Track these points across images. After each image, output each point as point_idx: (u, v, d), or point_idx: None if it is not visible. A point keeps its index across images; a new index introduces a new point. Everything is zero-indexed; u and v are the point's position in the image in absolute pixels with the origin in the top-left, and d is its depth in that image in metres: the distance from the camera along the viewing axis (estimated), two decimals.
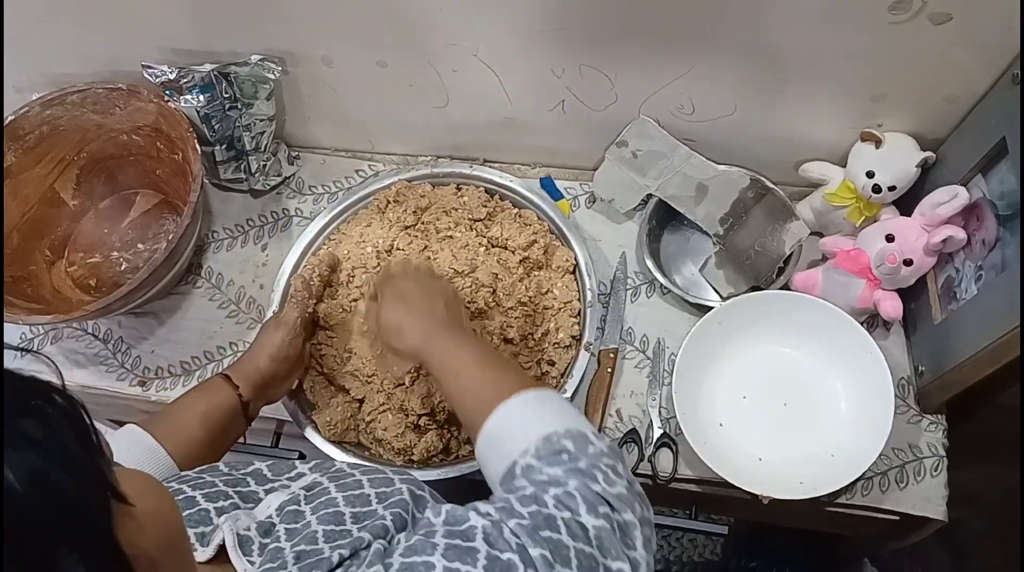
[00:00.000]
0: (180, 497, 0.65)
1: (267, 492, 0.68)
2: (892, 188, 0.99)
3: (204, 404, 0.88)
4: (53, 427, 0.39)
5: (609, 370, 1.07)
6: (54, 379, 0.42)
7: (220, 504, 0.64)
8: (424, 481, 0.95)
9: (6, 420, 0.38)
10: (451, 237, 1.09)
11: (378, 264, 1.08)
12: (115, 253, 1.20)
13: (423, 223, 1.11)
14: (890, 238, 0.98)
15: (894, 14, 0.84)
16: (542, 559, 0.55)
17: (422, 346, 0.84)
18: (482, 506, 0.60)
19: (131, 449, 0.81)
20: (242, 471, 0.71)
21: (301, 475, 0.71)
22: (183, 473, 0.71)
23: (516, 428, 0.70)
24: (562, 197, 1.20)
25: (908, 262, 0.97)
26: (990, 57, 0.88)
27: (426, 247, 1.09)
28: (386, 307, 0.90)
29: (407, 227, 1.11)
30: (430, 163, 1.21)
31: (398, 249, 1.09)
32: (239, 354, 1.13)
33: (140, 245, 1.21)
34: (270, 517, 0.63)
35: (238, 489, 0.68)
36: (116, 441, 0.80)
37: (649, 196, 1.13)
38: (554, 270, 1.09)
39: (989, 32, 0.85)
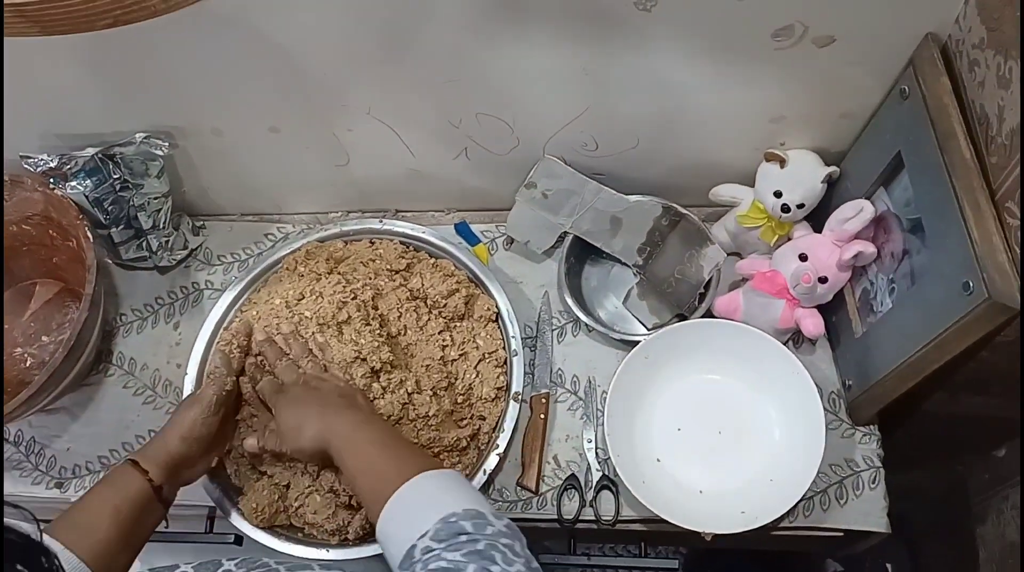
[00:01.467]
0: None
1: None
2: (801, 206, 0.99)
3: (114, 497, 0.83)
4: None
5: (542, 416, 1.05)
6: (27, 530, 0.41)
7: None
8: (363, 557, 0.94)
9: None
10: (368, 289, 1.05)
11: (290, 316, 1.03)
12: (18, 349, 1.15)
13: (339, 274, 1.08)
14: (803, 257, 0.98)
15: (778, 41, 0.84)
16: None
17: (322, 431, 0.85)
18: None
19: None
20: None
21: None
22: None
23: (415, 510, 0.71)
24: (479, 241, 1.18)
25: (823, 280, 0.97)
26: (878, 73, 0.88)
27: (346, 286, 1.04)
28: (281, 414, 0.90)
29: (319, 277, 1.08)
30: (340, 220, 1.18)
31: (313, 293, 1.04)
32: None
33: (44, 337, 1.16)
34: None
35: None
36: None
37: (565, 234, 1.11)
38: (476, 320, 1.07)
39: (873, 50, 0.85)
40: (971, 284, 0.72)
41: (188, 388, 1.05)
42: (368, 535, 0.96)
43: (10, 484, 1.08)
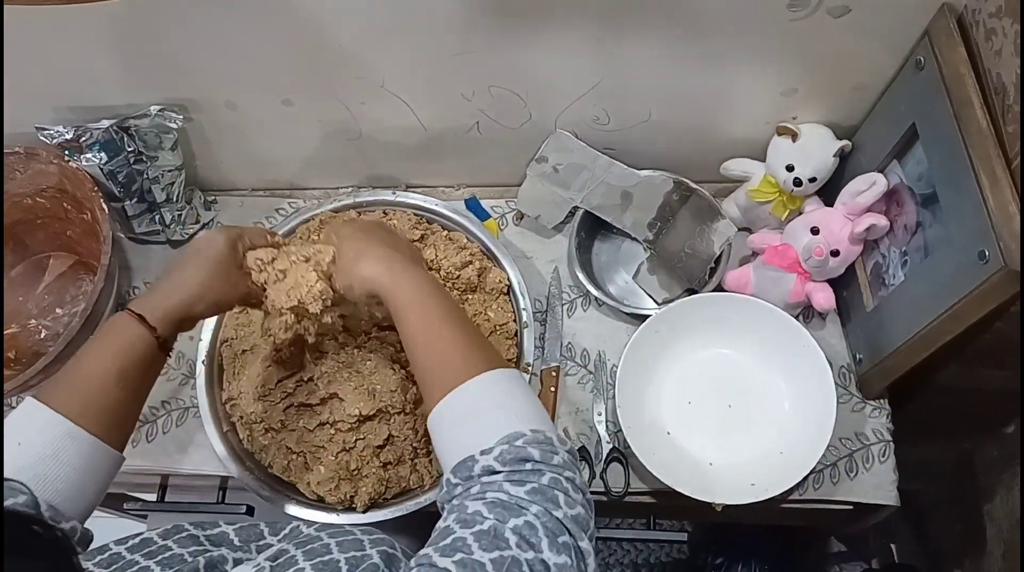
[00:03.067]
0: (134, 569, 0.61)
1: (235, 562, 0.65)
2: (813, 179, 0.99)
3: (118, 360, 0.74)
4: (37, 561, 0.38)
5: (552, 389, 1.05)
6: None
7: None
8: (372, 524, 0.95)
9: None
10: None
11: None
12: (32, 321, 1.15)
13: None
14: (815, 230, 0.98)
15: (793, 11, 0.84)
16: None
17: (382, 274, 0.77)
18: (440, 560, 0.57)
19: (45, 436, 0.70)
20: (208, 532, 0.68)
21: (268, 545, 0.68)
22: (148, 543, 0.65)
23: (479, 414, 0.67)
24: (489, 217, 1.18)
25: (835, 253, 0.97)
26: (893, 44, 0.88)
27: None
28: (346, 240, 0.83)
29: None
30: (352, 193, 1.18)
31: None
32: (172, 412, 1.10)
33: (59, 310, 1.16)
34: None
35: (209, 556, 0.64)
36: (25, 427, 0.71)
37: (575, 208, 1.11)
38: (488, 292, 1.08)
39: (889, 20, 0.85)
40: (987, 253, 0.72)
41: (201, 357, 1.05)
42: (375, 506, 0.97)
43: None
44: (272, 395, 1.00)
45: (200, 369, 1.05)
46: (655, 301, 1.10)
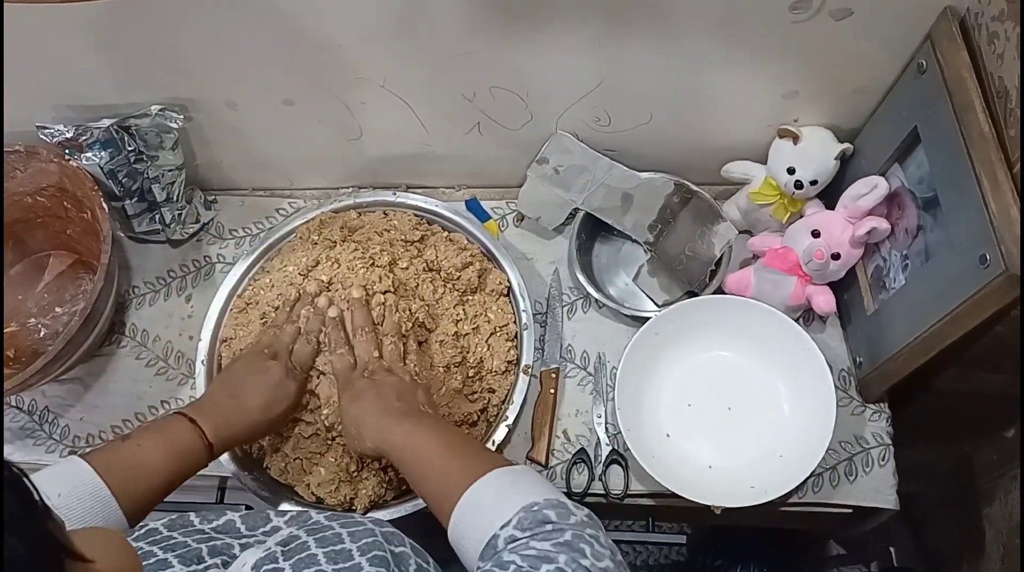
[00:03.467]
0: (151, 560, 0.61)
1: (242, 548, 0.65)
2: (814, 182, 0.99)
3: (173, 461, 0.82)
4: None
5: (552, 391, 1.05)
6: None
7: (193, 568, 0.61)
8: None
9: None
10: (385, 254, 1.06)
11: (300, 288, 1.04)
12: (32, 320, 1.15)
13: (353, 242, 1.08)
14: (816, 233, 0.98)
15: (795, 13, 0.84)
16: None
17: (380, 444, 0.84)
18: None
19: (82, 499, 0.75)
20: (214, 524, 0.68)
21: (277, 529, 0.68)
22: (153, 532, 0.66)
23: (492, 502, 0.69)
24: (489, 218, 1.18)
25: (836, 256, 0.97)
26: (895, 48, 0.88)
27: (364, 253, 1.04)
28: (344, 412, 0.89)
29: (333, 245, 1.08)
30: (352, 194, 1.18)
31: (328, 259, 1.05)
32: (170, 414, 1.09)
33: (58, 309, 1.16)
34: None
35: (212, 544, 0.64)
36: (65, 483, 0.76)
37: (576, 210, 1.11)
38: (488, 293, 1.07)
39: (891, 23, 0.85)
40: (988, 257, 0.72)
41: (201, 357, 1.05)
42: (375, 507, 0.97)
43: (24, 452, 1.09)
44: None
45: (200, 369, 1.05)
46: (655, 303, 1.10)
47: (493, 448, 0.98)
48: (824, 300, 1.00)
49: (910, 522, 1.38)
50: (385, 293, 1.00)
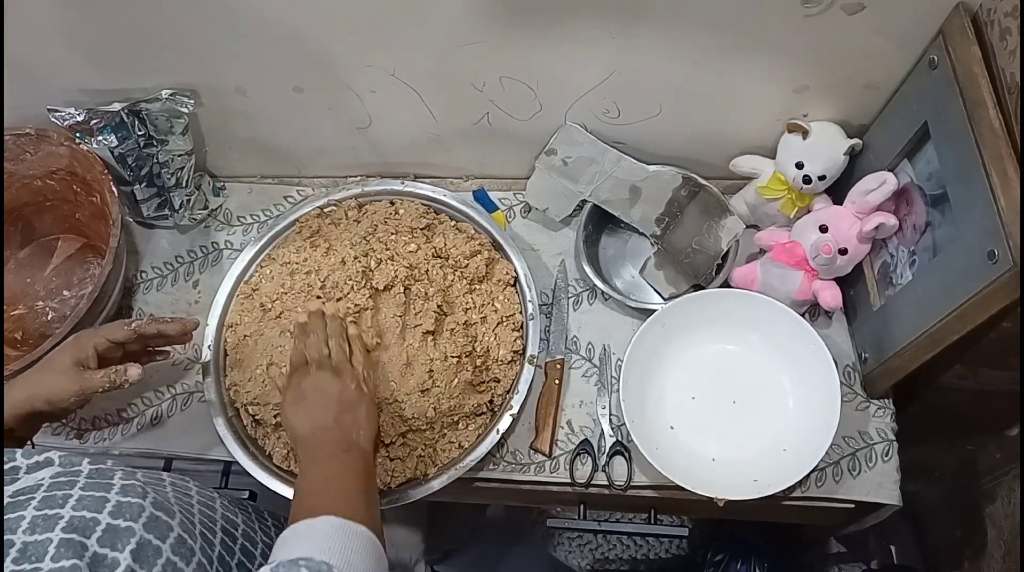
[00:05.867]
0: None
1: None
2: (822, 178, 0.99)
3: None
4: None
5: (557, 381, 1.05)
6: None
7: None
8: None
9: None
10: (395, 243, 1.07)
11: (288, 284, 1.06)
12: (40, 303, 1.16)
13: (362, 238, 1.08)
14: (824, 228, 0.98)
15: (808, 7, 0.84)
16: None
17: (301, 434, 0.86)
18: None
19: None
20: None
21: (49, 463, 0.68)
22: None
23: (289, 542, 0.71)
24: (497, 208, 1.18)
25: (843, 251, 0.97)
26: (906, 43, 0.88)
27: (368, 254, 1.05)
28: (287, 389, 0.91)
29: (339, 234, 1.09)
30: (360, 182, 1.18)
31: (331, 250, 1.06)
32: (177, 397, 1.10)
33: (66, 292, 1.17)
34: None
35: None
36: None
37: (583, 202, 1.11)
38: (495, 283, 1.08)
39: (903, 19, 0.85)
40: (996, 253, 0.72)
41: (208, 342, 1.06)
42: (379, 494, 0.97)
43: None
44: (271, 389, 1.01)
45: (206, 353, 1.06)
46: (661, 296, 1.10)
47: (498, 437, 0.99)
48: (831, 295, 1.00)
49: (911, 520, 1.38)
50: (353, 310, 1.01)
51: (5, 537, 0.58)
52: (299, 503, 0.78)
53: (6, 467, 0.67)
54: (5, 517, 0.59)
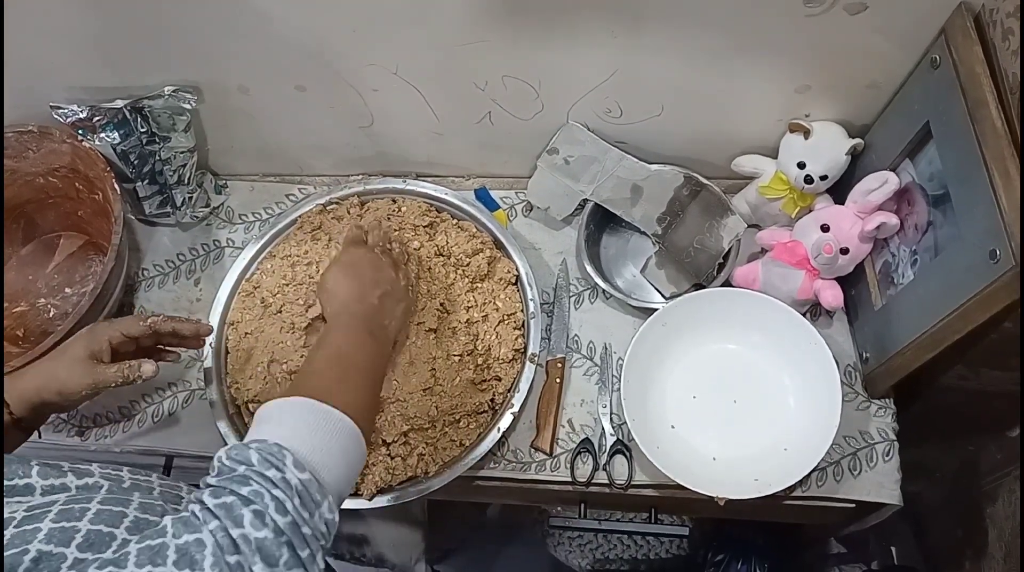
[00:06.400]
0: None
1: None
2: (824, 177, 0.99)
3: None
4: None
5: (558, 380, 1.06)
6: None
7: None
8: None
9: None
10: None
11: (289, 275, 1.07)
12: (42, 300, 1.16)
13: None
14: (825, 228, 0.98)
15: (810, 7, 0.84)
16: None
17: (336, 311, 0.87)
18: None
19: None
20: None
21: (65, 488, 0.65)
22: None
23: (260, 423, 0.68)
24: (498, 207, 1.18)
25: (844, 251, 0.97)
26: (909, 42, 0.88)
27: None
28: (333, 266, 0.92)
29: (342, 230, 1.09)
30: (362, 181, 1.18)
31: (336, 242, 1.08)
32: (179, 394, 1.10)
33: (67, 289, 1.17)
34: None
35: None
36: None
37: (585, 201, 1.12)
38: (496, 282, 1.08)
39: (905, 19, 0.85)
40: (998, 252, 0.72)
41: (209, 339, 1.06)
42: (381, 492, 0.97)
43: None
44: (272, 387, 1.01)
45: (207, 351, 1.06)
46: (662, 295, 1.11)
47: (499, 435, 0.99)
48: (832, 294, 1.00)
49: (912, 521, 1.38)
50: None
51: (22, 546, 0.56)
52: (298, 378, 0.79)
53: (20, 483, 0.64)
54: (21, 529, 0.57)
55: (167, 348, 0.99)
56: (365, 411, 0.76)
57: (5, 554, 0.53)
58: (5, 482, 0.63)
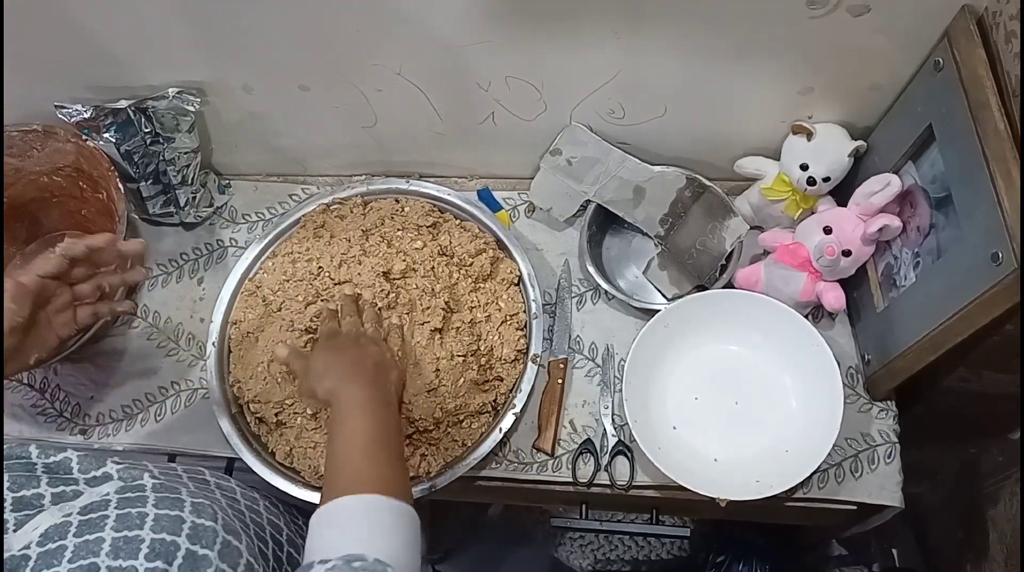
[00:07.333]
0: None
1: (54, 500, 0.64)
2: (827, 179, 0.99)
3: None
4: None
5: (560, 381, 1.06)
6: None
7: None
8: None
9: None
10: (400, 240, 1.08)
11: (290, 271, 1.08)
12: None
13: (365, 232, 1.09)
14: (828, 230, 0.98)
15: (813, 8, 0.84)
16: None
17: (334, 392, 0.84)
18: None
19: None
20: (50, 460, 0.68)
21: (108, 477, 0.68)
22: None
23: (336, 528, 0.70)
24: (501, 208, 1.18)
25: (847, 253, 0.97)
26: (912, 45, 0.88)
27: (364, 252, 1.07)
28: (318, 354, 0.90)
29: (345, 230, 1.10)
30: (365, 181, 1.18)
31: (337, 242, 1.08)
32: (181, 393, 1.11)
33: None
34: (27, 549, 0.59)
35: (22, 494, 0.63)
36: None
37: (587, 202, 1.12)
38: (499, 282, 1.08)
39: (908, 20, 0.85)
40: (1000, 255, 0.72)
41: (212, 339, 1.06)
42: None
43: (36, 429, 1.11)
44: (272, 387, 1.01)
45: (210, 350, 1.06)
46: (665, 297, 1.11)
47: (500, 435, 0.99)
48: (834, 296, 1.00)
49: (913, 523, 1.38)
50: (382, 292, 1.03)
51: (88, 560, 0.57)
52: (339, 466, 0.76)
53: (56, 474, 0.67)
54: (84, 538, 0.59)
55: (114, 297, 0.95)
56: (408, 485, 0.79)
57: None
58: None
